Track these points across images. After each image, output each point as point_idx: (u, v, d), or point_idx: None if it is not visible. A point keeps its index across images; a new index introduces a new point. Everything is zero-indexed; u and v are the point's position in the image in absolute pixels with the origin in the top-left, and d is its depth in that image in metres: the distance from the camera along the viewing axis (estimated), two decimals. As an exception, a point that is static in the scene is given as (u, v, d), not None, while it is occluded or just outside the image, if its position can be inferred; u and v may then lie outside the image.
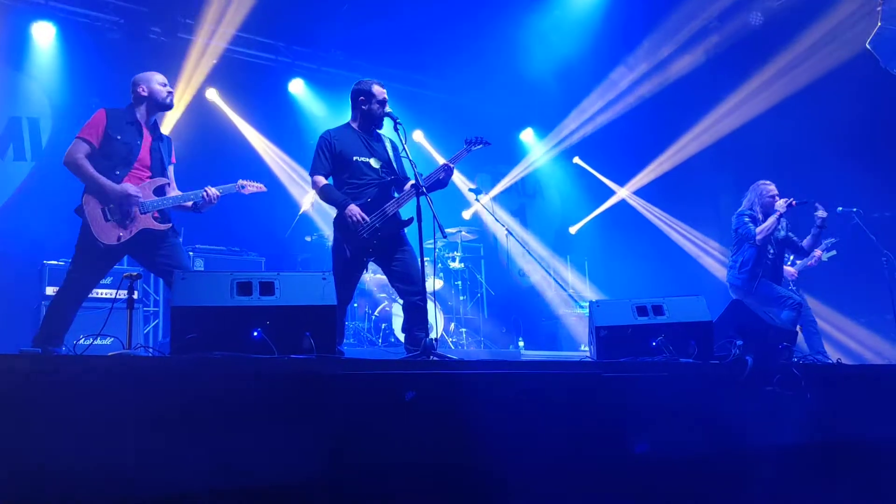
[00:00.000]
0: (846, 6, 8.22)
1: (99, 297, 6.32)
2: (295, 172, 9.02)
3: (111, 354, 3.11)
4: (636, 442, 3.44)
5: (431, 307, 5.82)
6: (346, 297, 4.62)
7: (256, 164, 8.93)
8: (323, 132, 4.80)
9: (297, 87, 9.49)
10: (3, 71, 7.76)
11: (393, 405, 2.97)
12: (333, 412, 2.86)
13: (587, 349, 4.88)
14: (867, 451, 4.20)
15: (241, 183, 4.84)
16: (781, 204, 6.08)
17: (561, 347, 9.57)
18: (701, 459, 3.62)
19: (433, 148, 10.20)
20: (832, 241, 7.22)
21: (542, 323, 10.24)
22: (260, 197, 4.99)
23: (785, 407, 3.85)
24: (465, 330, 8.63)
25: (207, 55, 8.53)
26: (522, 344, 9.18)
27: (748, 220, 6.22)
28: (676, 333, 4.10)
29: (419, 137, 10.17)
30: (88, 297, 4.49)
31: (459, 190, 9.80)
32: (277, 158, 9.16)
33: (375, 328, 7.75)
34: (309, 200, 8.24)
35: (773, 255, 6.24)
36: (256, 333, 3.25)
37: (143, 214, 4.41)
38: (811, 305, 6.96)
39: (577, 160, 11.45)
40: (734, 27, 9.10)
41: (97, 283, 4.59)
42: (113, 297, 5.95)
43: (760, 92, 9.23)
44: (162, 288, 7.57)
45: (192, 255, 7.42)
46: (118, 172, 4.42)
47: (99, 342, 4.11)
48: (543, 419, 3.29)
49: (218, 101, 8.84)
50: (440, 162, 4.75)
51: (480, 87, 10.11)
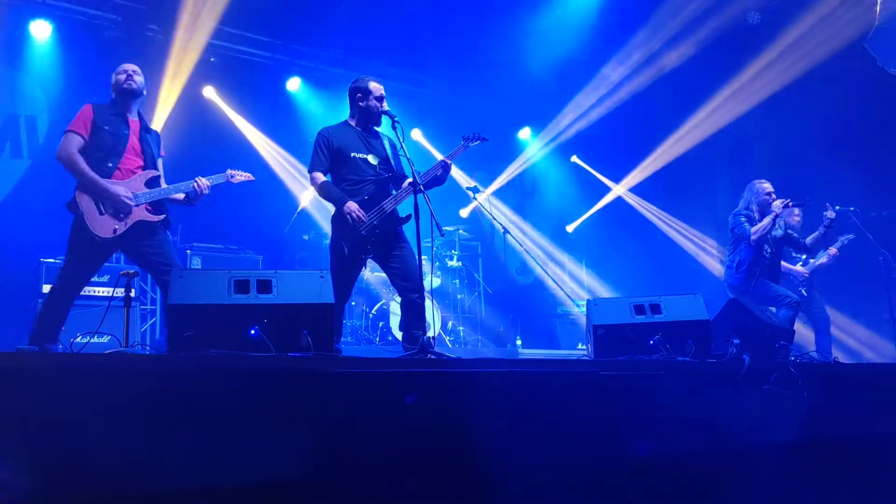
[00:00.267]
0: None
1: (96, 294, 6.33)
2: (294, 169, 9.01)
3: (108, 352, 3.12)
4: (634, 441, 3.44)
5: (429, 305, 5.83)
6: (343, 295, 4.62)
7: (255, 162, 8.91)
8: (321, 129, 4.80)
9: (294, 85, 9.47)
10: (0, 69, 7.74)
11: (390, 403, 2.97)
12: (331, 410, 2.86)
13: (585, 348, 4.88)
14: (864, 449, 4.21)
15: (229, 172, 4.86)
16: (778, 204, 6.09)
17: (559, 346, 9.58)
18: (698, 457, 3.63)
19: (432, 146, 10.19)
20: (850, 236, 7.18)
21: (539, 321, 10.24)
22: (258, 195, 5.00)
23: (782, 405, 3.85)
24: (462, 328, 8.63)
25: (204, 53, 8.51)
26: (520, 342, 9.19)
27: (744, 219, 6.22)
28: (674, 332, 4.11)
29: (417, 136, 10.16)
30: (86, 295, 4.50)
31: (457, 188, 9.80)
32: (276, 156, 9.14)
33: (373, 326, 7.75)
34: (308, 197, 8.24)
35: (770, 254, 6.24)
36: (254, 331, 3.25)
37: (136, 206, 4.42)
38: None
39: (574, 159, 11.45)
40: (725, 18, 8.99)
41: (90, 278, 4.59)
42: (110, 295, 5.95)
43: (754, 85, 9.15)
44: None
45: (189, 253, 7.41)
46: (110, 164, 4.43)
47: (96, 340, 4.11)
48: (541, 417, 3.29)
49: (216, 98, 8.83)
50: (439, 159, 4.74)
51: (479, 85, 10.10)
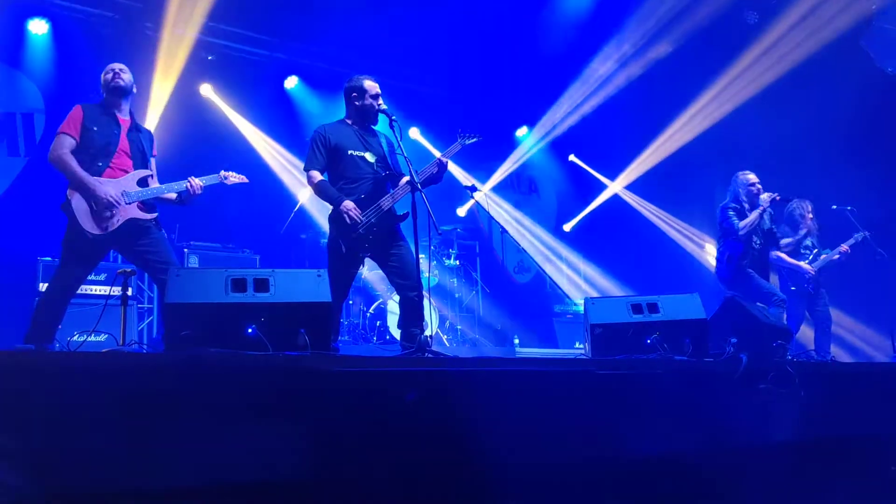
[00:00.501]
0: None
1: (93, 293, 6.31)
2: (292, 167, 8.98)
3: (105, 351, 3.11)
4: (631, 440, 3.44)
5: (427, 304, 5.82)
6: (341, 293, 4.61)
7: (252, 160, 8.89)
8: (317, 126, 4.79)
9: (292, 83, 9.45)
10: (-3, 66, 7.74)
11: (387, 402, 2.96)
12: (328, 409, 2.85)
13: (582, 347, 4.88)
14: (861, 448, 4.22)
15: (223, 174, 4.84)
16: (766, 198, 6.14)
17: (556, 345, 9.58)
18: (695, 456, 3.63)
19: (430, 144, 10.18)
20: (864, 234, 7.17)
21: (537, 320, 10.24)
22: (255, 194, 4.99)
23: (779, 404, 3.85)
24: (460, 327, 8.62)
25: (202, 51, 8.49)
26: (518, 341, 9.17)
27: (733, 213, 6.24)
28: (671, 331, 4.11)
29: (415, 134, 10.15)
30: (83, 293, 4.49)
31: (455, 187, 9.79)
32: (274, 154, 9.12)
33: (371, 325, 7.74)
34: (305, 195, 8.21)
35: (759, 245, 6.28)
36: (251, 330, 3.24)
37: (128, 205, 4.42)
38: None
39: (572, 158, 11.44)
40: (715, 10, 8.89)
41: (86, 277, 4.58)
42: (107, 293, 5.93)
43: (745, 78, 9.07)
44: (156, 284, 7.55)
45: (186, 251, 7.40)
46: (100, 164, 4.44)
47: (93, 339, 4.10)
48: (538, 416, 3.29)
49: (213, 96, 8.80)
50: (436, 157, 4.74)
51: (477, 83, 10.09)
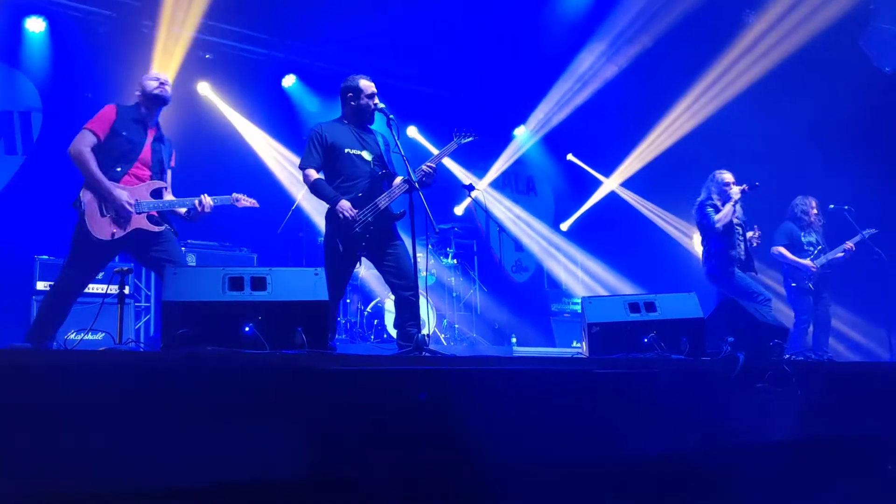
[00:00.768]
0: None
1: (90, 291, 6.29)
2: (290, 166, 8.96)
3: (102, 349, 3.11)
4: (628, 439, 3.45)
5: (424, 303, 5.81)
6: (338, 292, 4.61)
7: (250, 159, 8.90)
8: (314, 125, 4.78)
9: (289, 82, 9.45)
10: (-6, 65, 7.73)
11: (385, 401, 2.96)
12: (325, 408, 2.85)
13: (580, 346, 4.88)
14: (858, 448, 4.22)
15: (235, 196, 4.81)
16: (736, 191, 6.24)
17: (554, 344, 9.58)
18: (692, 455, 3.63)
19: (428, 143, 10.18)
20: (871, 231, 7.19)
21: (535, 319, 10.24)
22: (253, 192, 4.97)
23: (776, 404, 3.86)
24: (458, 326, 8.63)
25: (199, 49, 8.48)
26: (515, 340, 9.18)
27: (710, 209, 6.33)
28: (668, 330, 4.11)
29: (413, 133, 10.15)
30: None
31: (453, 185, 9.79)
32: (271, 153, 9.11)
33: (368, 324, 7.74)
34: (303, 194, 8.20)
35: (742, 239, 6.36)
36: (248, 329, 3.24)
37: (137, 214, 4.40)
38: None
39: (570, 157, 11.44)
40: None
41: (91, 279, 4.56)
42: (104, 292, 5.93)
43: (736, 70, 9.04)
44: (154, 283, 7.55)
45: (184, 250, 7.38)
46: (119, 169, 4.41)
47: (90, 337, 4.11)
48: (535, 415, 3.29)
49: (210, 95, 8.79)
50: (434, 154, 4.74)
51: (475, 82, 10.08)
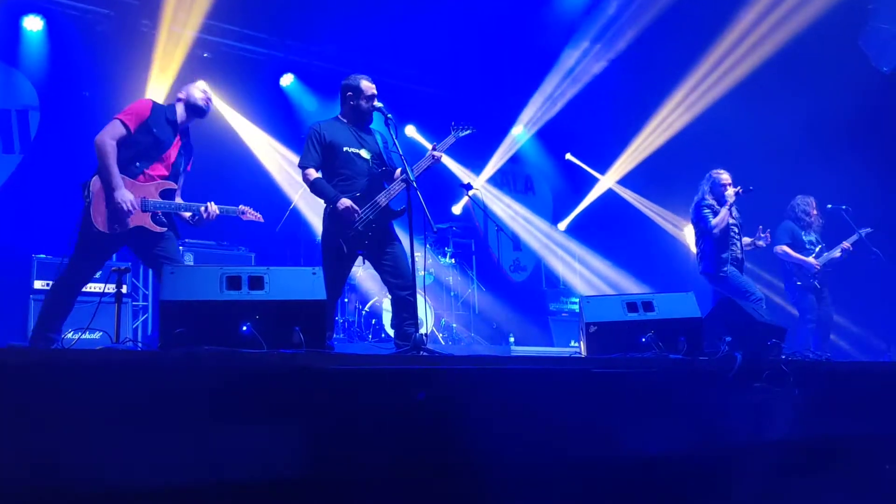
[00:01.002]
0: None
1: (87, 290, 6.28)
2: (288, 165, 8.95)
3: (98, 349, 3.10)
4: (625, 438, 3.45)
5: (422, 302, 5.82)
6: (335, 291, 4.61)
7: (248, 158, 8.89)
8: (312, 123, 4.78)
9: (287, 81, 9.44)
10: (-8, 63, 7.72)
11: (382, 400, 2.96)
12: (322, 407, 2.85)
13: (577, 345, 4.89)
14: (855, 447, 4.22)
15: (241, 208, 4.82)
16: (731, 193, 6.26)
17: (552, 343, 9.59)
18: (690, 455, 3.64)
19: (426, 141, 10.17)
20: (867, 230, 7.21)
21: (532, 318, 10.24)
22: (251, 191, 4.98)
23: (773, 403, 3.86)
24: (456, 325, 8.63)
25: (197, 48, 8.46)
26: (513, 339, 9.19)
27: (707, 211, 6.32)
28: (666, 329, 4.11)
29: (411, 132, 10.15)
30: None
31: (450, 184, 9.79)
32: (271, 151, 9.10)
33: (366, 323, 7.74)
34: (300, 193, 8.19)
35: (738, 238, 6.37)
36: (246, 328, 3.24)
37: (143, 212, 4.39)
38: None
39: (568, 156, 11.44)
40: None
41: (96, 270, 4.57)
42: (101, 291, 5.93)
43: (728, 63, 9.02)
44: (151, 282, 7.54)
45: (182, 249, 7.37)
46: (137, 164, 4.40)
47: (87, 336, 4.11)
48: (533, 415, 3.29)
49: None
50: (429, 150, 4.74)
51: (473, 81, 10.09)
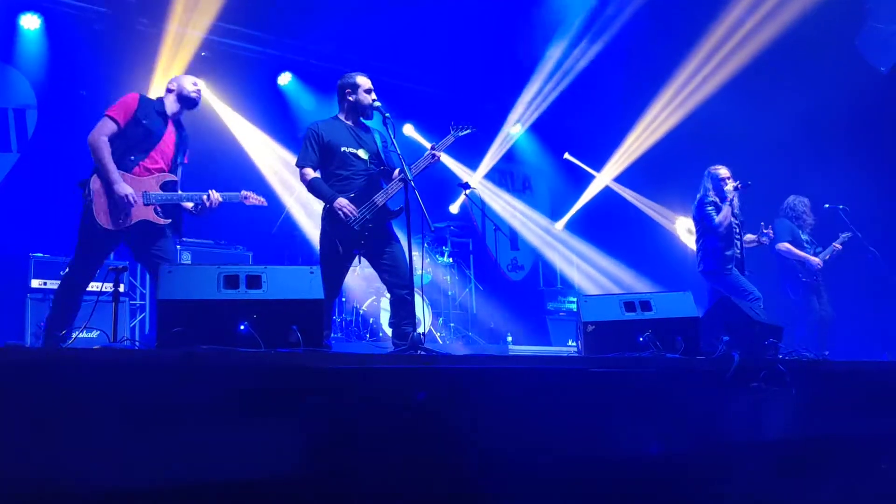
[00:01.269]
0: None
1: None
2: (285, 164, 8.93)
3: (96, 348, 3.10)
4: (623, 438, 3.45)
5: (420, 301, 5.82)
6: (333, 290, 4.61)
7: (245, 157, 8.88)
8: (310, 123, 4.78)
9: (285, 80, 9.43)
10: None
11: (380, 399, 2.96)
12: (320, 406, 2.85)
13: (575, 344, 4.89)
14: (852, 447, 4.23)
15: (244, 193, 4.80)
16: (731, 189, 6.25)
17: (549, 343, 9.59)
18: (688, 454, 3.64)
19: (425, 140, 10.16)
20: (847, 235, 7.27)
21: (530, 318, 10.25)
22: (248, 189, 4.96)
23: (771, 403, 3.87)
24: (453, 324, 8.62)
25: (195, 46, 8.45)
26: (511, 339, 9.19)
27: (710, 208, 6.29)
28: (663, 329, 4.12)
29: (410, 131, 10.14)
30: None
31: (448, 184, 9.78)
32: (268, 150, 9.08)
33: (363, 322, 7.73)
34: (298, 192, 8.18)
35: (739, 236, 6.36)
36: (243, 327, 3.24)
37: (145, 206, 4.40)
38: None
39: (567, 156, 11.43)
40: None
41: (100, 265, 4.57)
42: (99, 290, 5.90)
43: (719, 57, 8.97)
44: (149, 281, 7.53)
45: (179, 248, 7.37)
46: (133, 157, 4.41)
47: (84, 335, 4.10)
48: (531, 414, 3.29)
49: (205, 92, 8.75)
50: (427, 147, 4.74)
51: (471, 80, 10.08)
